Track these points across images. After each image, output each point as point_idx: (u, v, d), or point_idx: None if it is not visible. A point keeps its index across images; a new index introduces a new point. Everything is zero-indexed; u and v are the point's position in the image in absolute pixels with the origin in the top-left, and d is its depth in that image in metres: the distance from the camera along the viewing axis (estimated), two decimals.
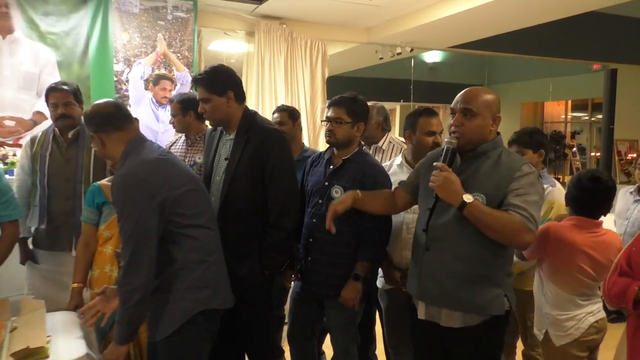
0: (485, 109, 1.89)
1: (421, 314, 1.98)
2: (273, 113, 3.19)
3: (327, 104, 2.51)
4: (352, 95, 2.41)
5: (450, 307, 1.89)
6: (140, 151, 1.88)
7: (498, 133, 1.95)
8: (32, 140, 2.82)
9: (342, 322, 2.43)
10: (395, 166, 2.60)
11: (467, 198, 1.78)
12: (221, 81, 2.22)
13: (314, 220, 2.39)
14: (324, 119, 2.45)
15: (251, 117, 2.31)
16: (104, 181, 2.46)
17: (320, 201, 2.38)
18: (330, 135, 2.38)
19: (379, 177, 2.37)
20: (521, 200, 1.79)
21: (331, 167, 2.42)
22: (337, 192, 2.33)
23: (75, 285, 2.35)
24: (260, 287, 2.25)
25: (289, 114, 3.08)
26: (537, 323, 2.39)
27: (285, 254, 2.32)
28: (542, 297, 2.33)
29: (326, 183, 2.38)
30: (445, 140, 1.92)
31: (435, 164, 1.89)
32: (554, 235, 2.19)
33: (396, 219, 2.44)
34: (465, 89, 1.94)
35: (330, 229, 2.09)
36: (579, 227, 2.21)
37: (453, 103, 1.93)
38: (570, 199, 2.30)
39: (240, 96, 2.29)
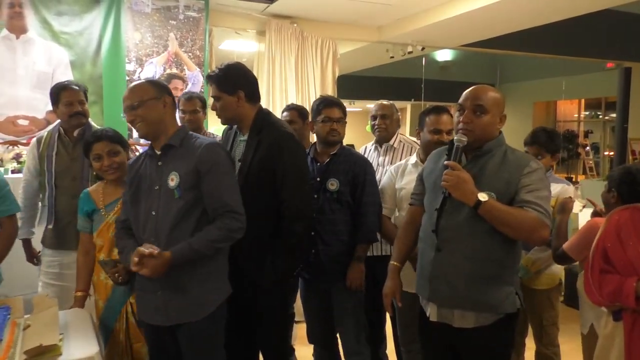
0: (494, 107, 1.88)
1: (433, 316, 1.96)
2: (282, 112, 3.19)
3: (323, 104, 2.59)
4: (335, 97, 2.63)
5: (464, 308, 1.88)
6: None
7: (500, 131, 1.95)
8: (38, 140, 2.83)
9: (350, 305, 2.54)
10: (410, 165, 2.61)
11: (482, 197, 1.77)
12: (232, 79, 2.19)
13: (313, 215, 2.44)
14: (325, 118, 2.55)
15: (264, 118, 2.25)
16: (93, 187, 2.40)
17: (315, 196, 2.50)
18: (336, 134, 2.56)
19: (368, 167, 2.61)
20: (534, 196, 1.78)
21: (318, 164, 2.59)
22: (332, 184, 2.52)
23: (79, 293, 2.31)
24: (272, 291, 2.23)
25: (299, 113, 3.07)
26: (581, 320, 2.38)
27: (297, 259, 2.29)
28: None
29: (318, 179, 2.54)
30: (455, 138, 1.89)
31: (446, 162, 1.87)
32: None
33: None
34: (473, 86, 1.93)
35: (389, 311, 2.22)
36: None
37: (462, 99, 1.91)
38: (623, 197, 2.17)
39: (253, 96, 2.24)
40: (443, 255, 1.89)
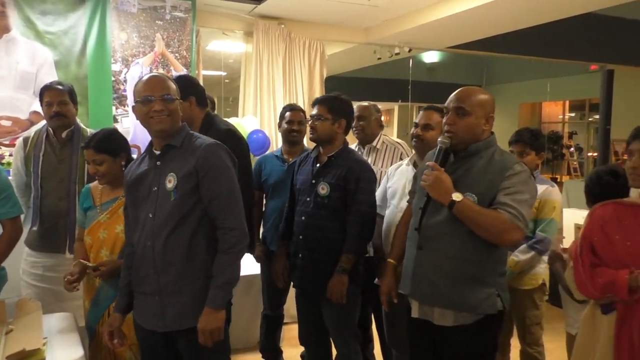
0: (478, 108, 1.89)
1: (415, 312, 2.00)
2: (285, 111, 3.16)
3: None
4: (334, 94, 2.52)
5: (443, 306, 1.91)
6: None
7: (492, 133, 1.96)
8: (25, 140, 2.77)
9: (336, 318, 2.46)
10: (404, 165, 2.61)
11: (456, 197, 1.81)
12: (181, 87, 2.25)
13: (303, 218, 2.45)
14: (308, 117, 2.53)
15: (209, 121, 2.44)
16: (95, 183, 2.39)
17: (308, 199, 2.44)
18: (312, 131, 2.47)
19: (363, 173, 2.40)
20: (511, 199, 1.80)
21: (317, 165, 2.48)
22: (323, 188, 2.40)
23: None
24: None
25: (304, 113, 3.09)
26: (568, 320, 2.42)
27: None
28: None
29: (313, 181, 2.44)
30: (439, 139, 1.93)
31: (427, 163, 1.93)
32: None
33: (392, 215, 2.47)
34: (460, 88, 1.95)
35: (385, 308, 2.27)
36: None
37: (447, 102, 1.95)
38: (593, 197, 2.27)
39: (202, 102, 2.44)
40: (424, 254, 1.92)
